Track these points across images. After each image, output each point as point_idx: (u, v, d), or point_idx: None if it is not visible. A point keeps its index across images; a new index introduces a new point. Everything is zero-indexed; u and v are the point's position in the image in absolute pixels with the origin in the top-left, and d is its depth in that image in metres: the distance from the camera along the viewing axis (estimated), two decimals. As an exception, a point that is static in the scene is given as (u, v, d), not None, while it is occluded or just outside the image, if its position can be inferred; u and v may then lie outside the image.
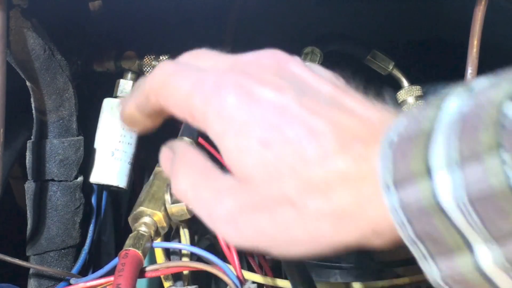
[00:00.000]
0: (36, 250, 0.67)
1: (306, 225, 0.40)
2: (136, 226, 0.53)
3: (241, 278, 0.54)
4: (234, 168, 0.41)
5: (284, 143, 0.39)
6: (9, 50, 0.58)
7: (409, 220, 0.36)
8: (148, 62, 0.71)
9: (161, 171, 0.58)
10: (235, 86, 0.41)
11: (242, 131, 0.40)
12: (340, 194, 0.38)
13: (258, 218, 0.40)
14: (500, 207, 0.34)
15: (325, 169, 0.39)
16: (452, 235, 0.36)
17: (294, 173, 0.39)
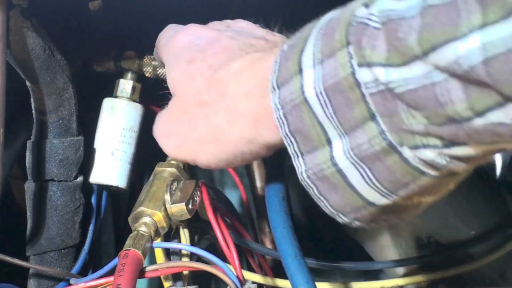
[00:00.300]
0: (36, 250, 0.67)
1: (209, 122, 0.50)
2: (136, 226, 0.53)
3: (241, 278, 0.54)
4: (170, 87, 0.55)
5: (203, 58, 0.53)
6: (9, 50, 0.58)
7: (285, 115, 0.43)
8: (148, 62, 0.71)
9: (161, 171, 0.58)
10: (189, 30, 0.56)
11: (178, 55, 0.55)
12: (233, 91, 0.49)
13: (180, 124, 0.53)
14: (347, 97, 0.39)
15: (224, 71, 0.50)
16: (316, 129, 0.42)
17: (203, 77, 0.52)
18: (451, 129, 0.36)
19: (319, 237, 0.96)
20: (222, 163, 0.52)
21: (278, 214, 0.47)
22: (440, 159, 0.39)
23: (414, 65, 0.36)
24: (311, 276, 0.43)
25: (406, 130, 0.38)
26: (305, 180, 0.44)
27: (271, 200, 0.49)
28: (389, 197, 0.42)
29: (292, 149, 0.44)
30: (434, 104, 0.36)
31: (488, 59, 0.33)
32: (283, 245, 0.45)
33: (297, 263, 0.44)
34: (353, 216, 0.44)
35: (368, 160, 0.41)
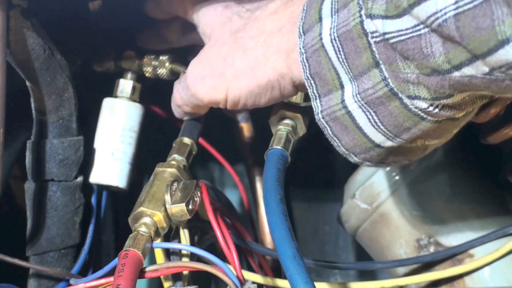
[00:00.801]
0: (36, 250, 0.67)
1: (246, 56, 0.54)
2: (136, 227, 0.53)
3: (241, 278, 0.54)
4: (203, 31, 0.60)
5: (239, 3, 0.57)
6: (9, 50, 0.58)
7: (307, 59, 0.47)
8: (148, 62, 0.71)
9: (161, 171, 0.58)
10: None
11: (211, 2, 0.59)
12: (270, 26, 0.53)
13: (214, 64, 0.56)
14: (357, 44, 0.43)
15: (262, 10, 0.55)
16: (331, 73, 0.46)
17: (240, 18, 0.56)
18: (437, 79, 0.40)
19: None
20: (251, 99, 0.55)
21: (276, 216, 0.47)
22: (433, 109, 0.43)
23: (405, 18, 0.39)
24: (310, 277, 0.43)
25: (402, 78, 0.42)
26: (320, 120, 0.49)
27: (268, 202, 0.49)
28: (394, 139, 0.46)
29: (311, 91, 0.48)
30: (420, 56, 0.40)
31: (458, 14, 0.36)
32: (282, 246, 0.45)
33: (296, 264, 0.43)
34: (363, 156, 0.49)
35: (373, 104, 0.45)
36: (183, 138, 0.63)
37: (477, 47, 0.36)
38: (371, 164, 0.50)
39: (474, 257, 0.70)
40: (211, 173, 0.97)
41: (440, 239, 0.72)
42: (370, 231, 0.76)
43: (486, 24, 0.35)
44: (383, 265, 0.75)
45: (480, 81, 0.39)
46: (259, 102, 0.55)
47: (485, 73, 0.38)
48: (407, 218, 0.73)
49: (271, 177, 0.51)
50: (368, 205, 0.75)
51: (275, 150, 0.56)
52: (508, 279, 0.70)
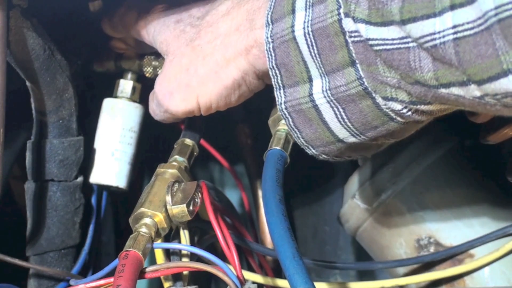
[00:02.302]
0: (36, 250, 0.67)
1: (207, 61, 0.54)
2: (137, 227, 0.53)
3: (241, 278, 0.54)
4: (161, 48, 0.59)
5: (189, 16, 0.57)
6: (9, 50, 0.58)
7: (274, 48, 0.47)
8: (148, 62, 0.71)
9: (162, 172, 0.58)
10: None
11: (164, 21, 0.59)
12: (224, 28, 0.53)
13: (178, 77, 0.56)
14: (332, 41, 0.43)
15: (212, 14, 0.55)
16: (300, 66, 0.46)
17: (192, 27, 0.56)
18: (420, 90, 0.40)
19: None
20: (222, 101, 0.56)
21: (275, 216, 0.47)
22: (407, 111, 0.43)
23: (391, 28, 0.39)
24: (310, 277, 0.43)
25: (381, 81, 0.42)
26: (282, 111, 0.49)
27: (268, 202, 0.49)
28: (358, 137, 0.47)
29: (275, 80, 0.48)
30: (406, 68, 0.40)
31: (458, 39, 0.36)
32: (281, 247, 0.45)
33: (296, 264, 0.43)
34: (321, 149, 0.50)
35: (344, 101, 0.45)
36: (184, 139, 0.63)
37: (476, 73, 0.36)
38: (327, 157, 0.51)
39: (474, 257, 0.70)
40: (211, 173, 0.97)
41: (440, 239, 0.72)
42: (370, 231, 0.76)
43: (489, 53, 0.35)
44: (383, 265, 0.75)
45: (467, 101, 0.39)
46: (230, 102, 0.56)
47: (476, 97, 0.38)
48: (407, 218, 0.73)
49: (270, 178, 0.51)
50: (368, 205, 0.75)
51: (274, 151, 0.56)
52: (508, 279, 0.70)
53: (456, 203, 0.73)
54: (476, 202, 0.73)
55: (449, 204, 0.73)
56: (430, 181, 0.73)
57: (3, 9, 0.54)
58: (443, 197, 0.73)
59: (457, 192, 0.74)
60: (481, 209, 0.73)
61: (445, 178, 0.74)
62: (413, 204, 0.73)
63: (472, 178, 0.75)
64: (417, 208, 0.73)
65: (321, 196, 0.96)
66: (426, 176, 0.73)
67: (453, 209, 0.73)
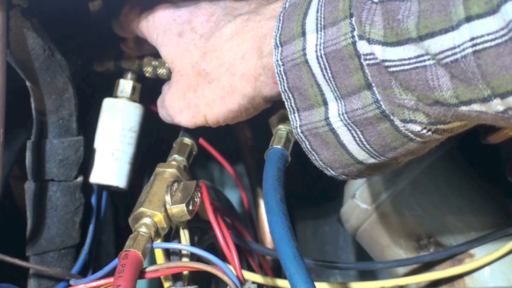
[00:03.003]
0: (36, 250, 0.67)
1: (213, 87, 0.54)
2: (137, 227, 0.53)
3: (241, 278, 0.54)
4: (166, 61, 0.59)
5: (192, 30, 0.56)
6: (9, 50, 0.58)
7: (285, 72, 0.46)
8: (148, 62, 0.71)
9: (161, 171, 0.58)
10: (163, 3, 0.58)
11: (166, 31, 0.58)
12: (229, 55, 0.53)
13: (187, 97, 0.57)
14: (346, 64, 0.42)
15: (216, 38, 0.54)
16: (313, 89, 0.45)
17: (196, 48, 0.55)
18: (439, 110, 0.39)
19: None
20: (229, 120, 0.57)
21: (276, 215, 0.47)
22: (426, 132, 0.42)
23: (407, 47, 0.38)
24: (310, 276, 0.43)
25: (398, 104, 0.41)
26: (298, 134, 0.48)
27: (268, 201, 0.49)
28: (377, 158, 0.46)
29: (289, 104, 0.48)
30: (424, 87, 0.39)
31: (478, 52, 0.35)
32: (282, 246, 0.45)
33: (296, 264, 0.43)
34: (341, 171, 0.49)
35: (361, 124, 0.44)
36: (183, 138, 0.62)
37: (500, 86, 0.35)
38: (347, 177, 0.50)
39: (474, 257, 0.70)
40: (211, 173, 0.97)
41: (440, 239, 0.72)
42: (370, 231, 0.76)
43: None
44: (383, 265, 0.75)
45: (490, 117, 0.38)
46: (238, 120, 0.57)
47: (499, 111, 0.37)
48: (407, 218, 0.73)
49: (271, 177, 0.51)
50: (368, 205, 0.75)
51: (275, 150, 0.56)
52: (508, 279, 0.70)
53: (455, 203, 0.73)
54: (476, 202, 0.73)
55: (449, 204, 0.73)
56: (430, 181, 0.73)
57: (3, 9, 0.54)
58: (443, 197, 0.73)
59: (457, 192, 0.74)
60: (481, 209, 0.73)
61: (445, 178, 0.74)
62: (413, 204, 0.73)
63: (472, 178, 0.75)
64: (417, 208, 0.73)
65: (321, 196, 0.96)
66: (426, 176, 0.73)
67: (453, 209, 0.73)
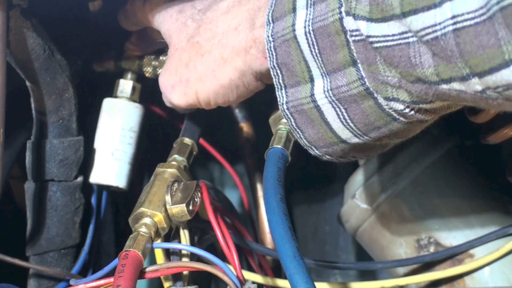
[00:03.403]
0: (36, 250, 0.67)
1: (205, 60, 0.54)
2: (137, 227, 0.53)
3: (241, 278, 0.54)
4: (165, 38, 0.60)
5: (192, 6, 0.57)
6: (9, 50, 0.58)
7: (275, 48, 0.46)
8: (148, 62, 0.71)
9: (161, 171, 0.58)
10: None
11: (167, 8, 0.58)
12: (223, 27, 0.53)
13: (179, 72, 0.56)
14: (333, 40, 0.42)
15: (213, 11, 0.54)
16: (301, 66, 0.45)
17: (194, 21, 0.56)
18: (421, 87, 0.40)
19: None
20: (220, 98, 0.56)
21: (276, 215, 0.47)
22: (409, 111, 0.42)
23: (391, 23, 0.39)
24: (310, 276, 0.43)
25: (381, 80, 0.41)
26: (284, 111, 0.48)
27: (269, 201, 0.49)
28: (361, 137, 0.46)
29: (277, 80, 0.48)
30: (407, 64, 0.39)
31: (458, 30, 0.35)
32: (282, 246, 0.45)
33: (296, 264, 0.43)
34: (325, 150, 0.49)
35: (345, 101, 0.44)
36: (183, 138, 0.62)
37: (477, 65, 0.35)
38: (331, 158, 0.50)
39: (474, 257, 0.70)
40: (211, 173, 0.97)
41: (440, 239, 0.72)
42: (370, 231, 0.76)
43: (491, 43, 0.34)
44: (383, 265, 0.75)
45: (469, 96, 0.38)
46: (229, 100, 0.56)
47: (478, 91, 0.37)
48: (407, 218, 0.73)
49: (271, 176, 0.51)
50: (368, 205, 0.75)
51: (275, 149, 0.56)
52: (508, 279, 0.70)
53: (456, 203, 0.73)
54: (476, 202, 0.73)
55: (449, 204, 0.73)
56: (430, 181, 0.73)
57: (3, 9, 0.54)
58: (443, 197, 0.73)
59: (457, 192, 0.74)
60: (481, 209, 0.73)
61: (445, 178, 0.74)
62: (413, 204, 0.73)
63: (472, 178, 0.75)
64: (417, 208, 0.73)
65: (321, 196, 0.96)
66: (426, 176, 0.73)
67: (453, 209, 0.73)
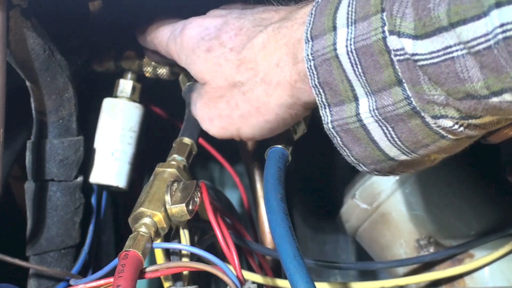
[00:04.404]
0: (36, 250, 0.67)
1: (247, 98, 0.53)
2: (136, 227, 0.52)
3: (241, 278, 0.54)
4: (197, 78, 0.58)
5: (220, 44, 0.55)
6: (9, 50, 0.58)
7: (316, 66, 0.46)
8: (148, 62, 0.71)
9: (161, 171, 0.58)
10: (192, 24, 0.58)
11: (194, 49, 0.57)
12: (264, 64, 0.52)
13: (219, 107, 0.56)
14: (377, 60, 0.42)
15: (249, 49, 0.53)
16: (344, 85, 0.45)
17: (228, 61, 0.54)
18: (470, 103, 0.39)
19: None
20: (265, 133, 0.55)
21: (276, 215, 0.47)
22: (458, 127, 0.42)
23: (436, 38, 0.38)
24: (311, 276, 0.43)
25: (427, 100, 0.41)
26: (330, 130, 0.48)
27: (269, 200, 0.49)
28: (409, 155, 0.46)
29: (319, 99, 0.47)
30: (455, 80, 0.38)
31: (509, 38, 0.34)
32: (282, 246, 0.45)
33: (296, 264, 0.43)
34: (373, 167, 0.48)
35: (392, 120, 0.44)
36: (183, 138, 0.62)
37: None
38: (379, 174, 0.49)
39: (474, 257, 0.71)
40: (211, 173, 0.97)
41: (440, 239, 0.72)
42: (370, 231, 0.76)
43: None
44: (383, 265, 0.75)
45: None
46: (275, 132, 0.56)
47: None
48: (407, 218, 0.73)
49: (272, 176, 0.51)
50: (368, 205, 0.75)
51: (276, 149, 0.56)
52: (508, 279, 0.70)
53: (456, 203, 0.73)
54: (476, 202, 0.74)
55: (449, 204, 0.73)
56: (430, 181, 0.73)
57: (3, 9, 0.54)
58: (443, 197, 0.73)
59: (457, 192, 0.74)
60: (481, 209, 0.73)
61: (444, 178, 0.74)
62: (413, 204, 0.73)
63: (472, 178, 0.75)
64: (417, 208, 0.73)
65: (321, 196, 0.96)
66: (426, 176, 0.73)
67: (453, 209, 0.73)
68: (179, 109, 0.68)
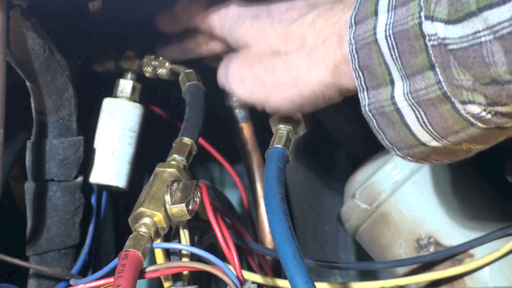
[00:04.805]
0: (36, 250, 0.67)
1: (288, 68, 0.54)
2: (136, 227, 0.52)
3: (241, 278, 0.54)
4: (238, 43, 0.59)
5: (268, 14, 0.56)
6: (9, 50, 0.58)
7: (357, 50, 0.47)
8: (148, 62, 0.71)
9: (161, 171, 0.58)
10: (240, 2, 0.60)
11: (239, 16, 0.58)
12: (311, 40, 0.52)
13: (255, 70, 0.56)
14: (412, 45, 0.43)
15: (299, 23, 0.54)
16: (382, 68, 0.46)
17: (275, 31, 0.55)
18: (495, 89, 0.40)
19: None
20: (294, 107, 0.55)
21: (276, 215, 0.47)
22: (485, 114, 0.42)
23: (467, 23, 0.39)
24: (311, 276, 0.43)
25: (456, 85, 0.42)
26: (367, 113, 0.49)
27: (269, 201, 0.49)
28: (440, 140, 0.46)
29: (359, 82, 0.48)
30: (481, 64, 0.39)
31: None
32: (282, 246, 0.45)
33: (296, 264, 0.43)
34: (406, 152, 0.49)
35: (424, 104, 0.45)
36: (183, 138, 0.62)
37: None
38: (413, 160, 0.50)
39: (474, 257, 0.70)
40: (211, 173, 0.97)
41: (440, 239, 0.72)
42: (370, 231, 0.76)
43: None
44: (383, 265, 0.75)
45: None
46: (302, 110, 0.56)
47: None
48: (407, 218, 0.73)
49: (272, 176, 0.51)
50: (368, 205, 0.75)
51: (276, 149, 0.56)
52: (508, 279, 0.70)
53: (456, 203, 0.73)
54: (476, 202, 0.73)
55: (449, 204, 0.73)
56: (430, 181, 0.73)
57: (3, 9, 0.54)
58: (443, 197, 0.73)
59: (456, 192, 0.74)
60: (481, 209, 0.73)
61: (444, 178, 0.74)
62: (413, 204, 0.73)
63: (472, 178, 0.75)
64: (417, 208, 0.73)
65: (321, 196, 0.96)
66: (425, 176, 0.73)
67: (453, 209, 0.73)
68: (179, 109, 0.68)
